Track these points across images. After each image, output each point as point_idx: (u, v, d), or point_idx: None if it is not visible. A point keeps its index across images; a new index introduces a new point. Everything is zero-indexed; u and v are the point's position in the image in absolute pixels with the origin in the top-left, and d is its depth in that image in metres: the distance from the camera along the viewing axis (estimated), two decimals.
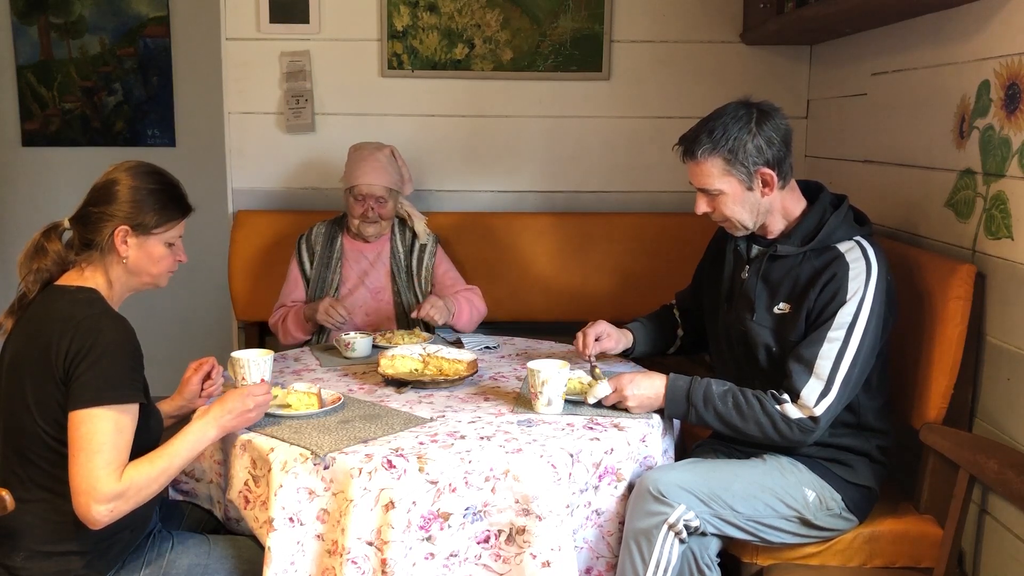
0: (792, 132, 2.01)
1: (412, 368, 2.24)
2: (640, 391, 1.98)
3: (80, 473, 1.62)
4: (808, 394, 1.89)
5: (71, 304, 1.72)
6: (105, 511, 1.62)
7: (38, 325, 1.71)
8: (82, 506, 1.62)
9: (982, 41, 2.13)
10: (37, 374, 1.67)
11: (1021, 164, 1.96)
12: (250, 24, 3.23)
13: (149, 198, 1.79)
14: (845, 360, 1.89)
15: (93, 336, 1.65)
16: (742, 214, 2.02)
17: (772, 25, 2.90)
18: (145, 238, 1.79)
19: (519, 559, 1.72)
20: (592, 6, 3.22)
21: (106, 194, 1.78)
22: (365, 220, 2.73)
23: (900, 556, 2.03)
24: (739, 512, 1.90)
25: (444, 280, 2.85)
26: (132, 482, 1.65)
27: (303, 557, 1.74)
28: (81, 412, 1.63)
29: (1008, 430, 1.99)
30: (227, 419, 1.80)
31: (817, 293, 1.94)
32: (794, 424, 1.89)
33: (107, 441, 1.63)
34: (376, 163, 2.71)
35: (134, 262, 1.80)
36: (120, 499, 1.63)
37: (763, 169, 1.97)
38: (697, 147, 1.98)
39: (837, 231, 1.98)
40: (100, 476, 1.61)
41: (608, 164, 3.36)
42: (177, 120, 4.40)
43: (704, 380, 1.98)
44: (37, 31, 4.29)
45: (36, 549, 1.69)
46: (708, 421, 1.96)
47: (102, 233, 1.76)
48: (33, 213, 4.41)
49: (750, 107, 1.99)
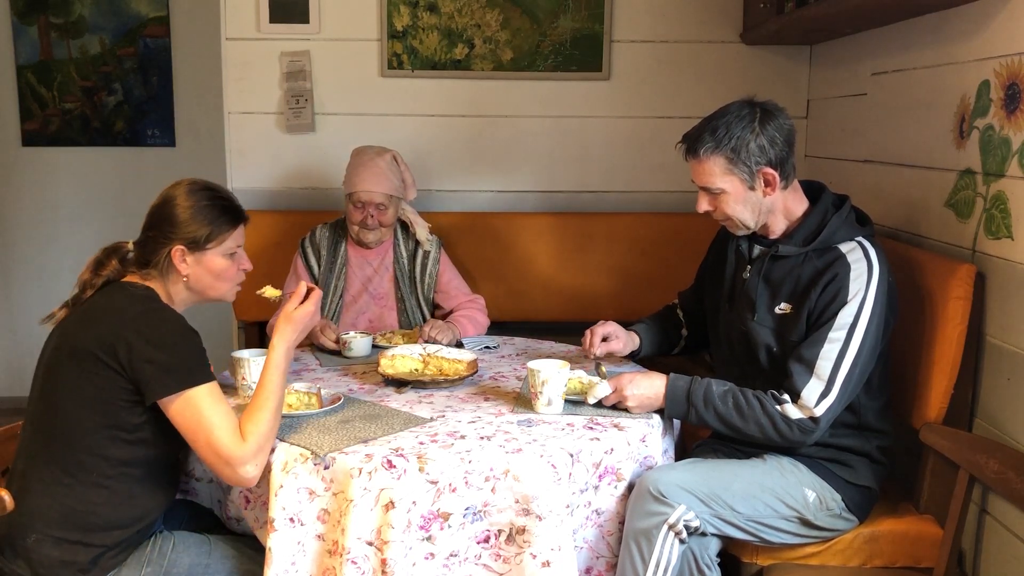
0: (795, 132, 2.01)
1: (412, 368, 2.24)
2: (640, 391, 1.98)
3: (212, 452, 1.69)
4: (808, 395, 1.89)
5: (130, 299, 1.77)
6: (253, 468, 1.71)
7: (96, 316, 1.75)
8: (231, 476, 1.71)
9: (982, 41, 2.13)
10: (93, 363, 1.70)
11: (1021, 164, 1.96)
12: (250, 24, 3.23)
13: (199, 214, 1.83)
14: (846, 361, 1.89)
15: (162, 325, 1.72)
16: (743, 213, 2.02)
17: (772, 25, 2.90)
18: (202, 254, 1.83)
19: (519, 559, 1.72)
20: (592, 6, 3.23)
21: (160, 216, 1.83)
22: (364, 227, 2.72)
23: (900, 556, 2.03)
24: (739, 512, 1.90)
25: (448, 290, 2.83)
26: (258, 434, 1.72)
27: (303, 557, 1.74)
28: (178, 399, 1.69)
29: (1008, 430, 1.99)
30: (296, 334, 1.84)
31: (818, 294, 1.93)
32: (794, 424, 1.89)
33: (215, 413, 1.70)
34: (376, 169, 2.68)
35: (195, 279, 1.84)
36: (259, 453, 1.72)
37: (765, 169, 1.96)
38: (700, 145, 1.97)
39: (839, 232, 1.98)
40: (230, 445, 1.69)
41: (608, 164, 3.36)
42: (177, 120, 4.40)
43: (704, 380, 1.98)
44: (37, 31, 4.30)
45: (47, 533, 1.71)
46: (708, 421, 1.96)
47: (160, 254, 1.81)
48: (33, 213, 4.42)
49: (754, 106, 1.98)
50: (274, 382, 1.79)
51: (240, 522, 1.94)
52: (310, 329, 1.87)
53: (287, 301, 1.90)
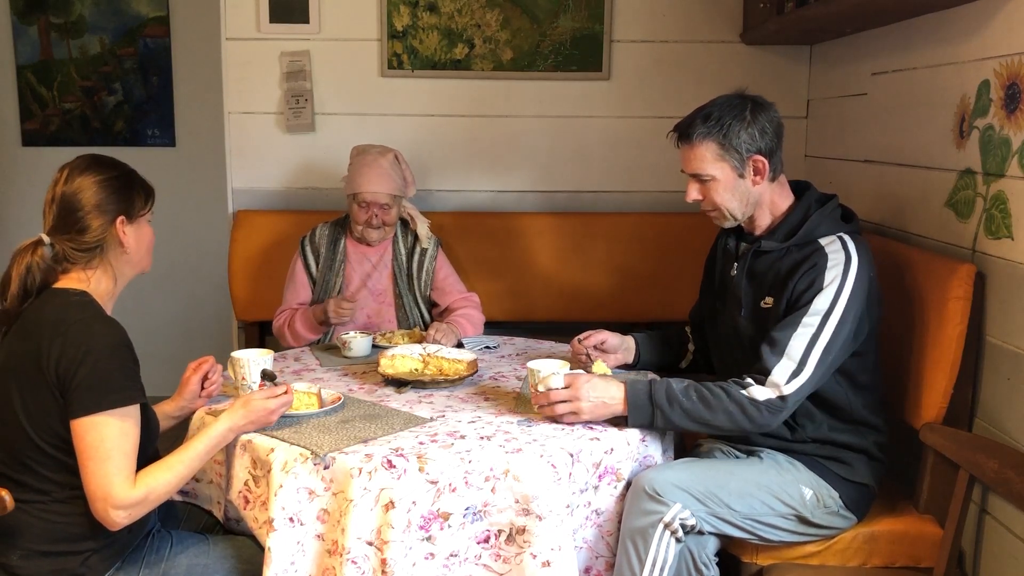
0: (784, 127, 2.04)
1: (412, 368, 2.24)
2: (597, 394, 1.90)
3: (94, 480, 1.63)
4: (779, 374, 1.87)
5: (62, 309, 1.70)
6: (124, 515, 1.65)
7: (30, 329, 1.70)
8: (100, 511, 1.64)
9: (982, 41, 2.13)
10: (29, 380, 1.67)
11: (1021, 164, 1.96)
12: (250, 24, 3.23)
13: (126, 184, 1.79)
14: (819, 344, 1.87)
15: (85, 341, 1.65)
16: (731, 202, 2.03)
17: (772, 25, 2.90)
18: (138, 223, 1.81)
19: (519, 559, 1.72)
20: (592, 6, 3.22)
21: (83, 195, 1.74)
22: (369, 226, 2.73)
23: (900, 556, 2.03)
24: (736, 511, 1.90)
25: (444, 286, 2.84)
26: (150, 489, 1.67)
27: (303, 557, 1.74)
28: (84, 420, 1.63)
29: (1008, 430, 1.99)
30: (246, 421, 1.81)
31: (795, 282, 1.94)
32: (762, 406, 1.87)
33: (115, 447, 1.63)
34: (380, 169, 2.69)
35: (134, 249, 1.80)
36: (139, 505, 1.66)
37: (756, 156, 1.99)
38: (692, 130, 2.00)
39: (820, 227, 1.99)
40: (114, 483, 1.63)
41: (608, 164, 3.36)
42: (177, 120, 4.40)
43: (663, 380, 1.95)
44: (37, 31, 4.29)
45: (33, 548, 1.69)
46: (675, 421, 1.90)
47: (98, 232, 1.75)
48: (33, 213, 4.40)
49: (744, 98, 2.02)
50: (199, 451, 1.75)
51: (239, 522, 1.94)
52: (260, 426, 1.83)
53: (271, 389, 1.87)
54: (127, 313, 1.84)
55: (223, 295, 3.41)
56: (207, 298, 4.28)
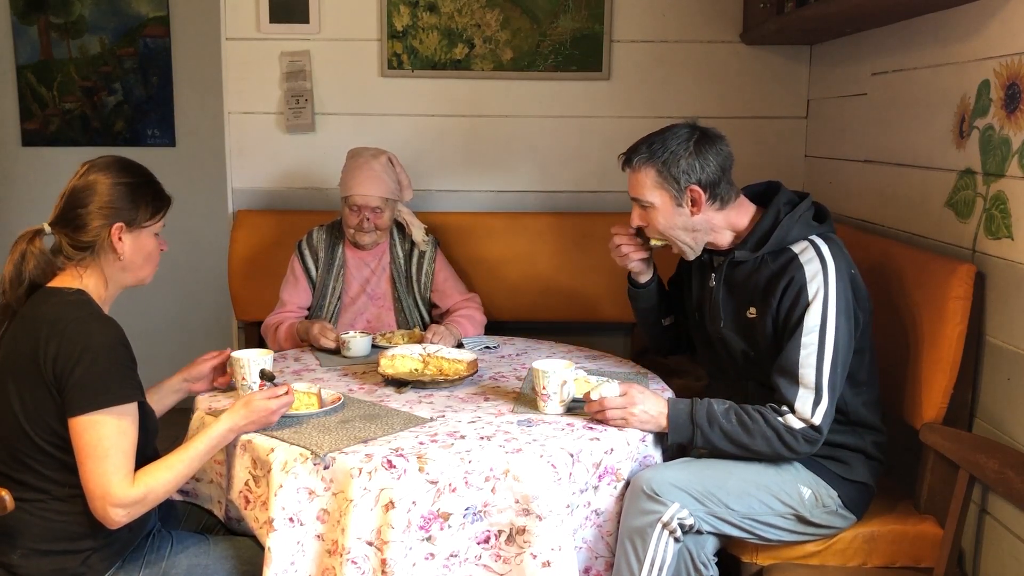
0: (732, 159, 2.05)
1: (412, 368, 2.24)
2: (647, 407, 1.94)
3: (92, 479, 1.63)
4: (802, 406, 1.89)
5: (59, 307, 1.70)
6: (123, 514, 1.65)
7: (27, 327, 1.70)
8: (99, 510, 1.65)
9: (982, 41, 2.13)
10: (26, 379, 1.67)
11: (1021, 164, 1.96)
12: (250, 24, 3.23)
13: (138, 192, 1.79)
14: (826, 362, 1.89)
15: (82, 340, 1.65)
16: (674, 230, 2.06)
17: (772, 25, 2.90)
18: (138, 232, 1.80)
19: (519, 559, 1.72)
20: (592, 6, 3.22)
21: (91, 194, 1.76)
22: (360, 230, 2.71)
23: (900, 556, 2.03)
24: (734, 510, 1.91)
25: (444, 288, 2.83)
26: (150, 488, 1.67)
27: (303, 557, 1.74)
28: (82, 419, 1.63)
29: (1008, 430, 1.99)
30: (247, 422, 1.81)
31: (778, 299, 1.95)
32: (798, 434, 1.89)
33: (113, 445, 1.64)
34: (371, 172, 2.67)
35: (129, 258, 1.79)
36: (138, 504, 1.66)
37: (693, 187, 2.00)
38: (635, 156, 2.05)
39: (791, 232, 2.00)
40: (113, 481, 1.63)
41: (608, 164, 3.33)
42: (177, 120, 4.39)
43: (704, 400, 1.97)
44: (37, 31, 4.29)
45: (33, 547, 1.70)
46: (714, 441, 1.93)
47: (94, 233, 1.75)
48: (33, 213, 4.39)
49: (694, 129, 2.05)
50: (199, 451, 1.76)
51: (240, 522, 1.94)
52: (261, 426, 1.83)
53: (272, 389, 1.87)
54: (126, 313, 1.84)
55: (223, 295, 3.41)
56: (207, 298, 4.27)
